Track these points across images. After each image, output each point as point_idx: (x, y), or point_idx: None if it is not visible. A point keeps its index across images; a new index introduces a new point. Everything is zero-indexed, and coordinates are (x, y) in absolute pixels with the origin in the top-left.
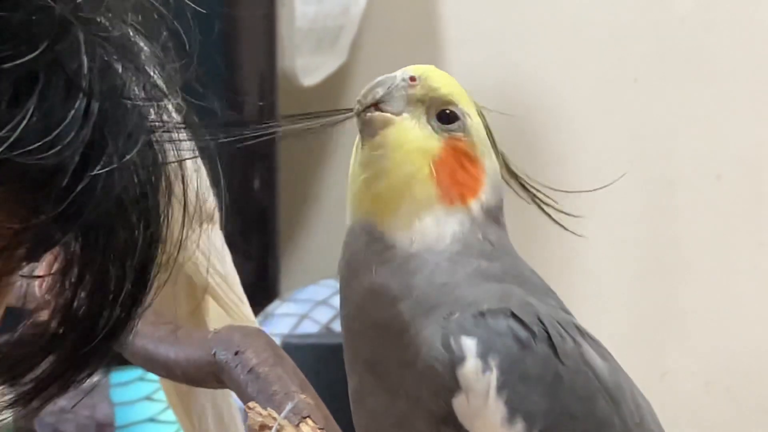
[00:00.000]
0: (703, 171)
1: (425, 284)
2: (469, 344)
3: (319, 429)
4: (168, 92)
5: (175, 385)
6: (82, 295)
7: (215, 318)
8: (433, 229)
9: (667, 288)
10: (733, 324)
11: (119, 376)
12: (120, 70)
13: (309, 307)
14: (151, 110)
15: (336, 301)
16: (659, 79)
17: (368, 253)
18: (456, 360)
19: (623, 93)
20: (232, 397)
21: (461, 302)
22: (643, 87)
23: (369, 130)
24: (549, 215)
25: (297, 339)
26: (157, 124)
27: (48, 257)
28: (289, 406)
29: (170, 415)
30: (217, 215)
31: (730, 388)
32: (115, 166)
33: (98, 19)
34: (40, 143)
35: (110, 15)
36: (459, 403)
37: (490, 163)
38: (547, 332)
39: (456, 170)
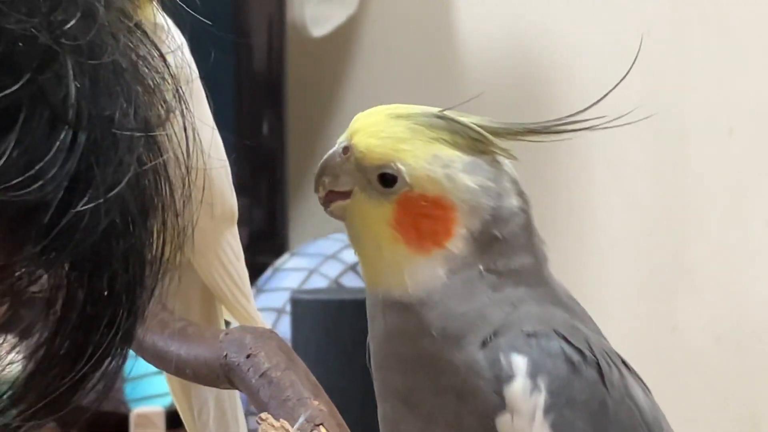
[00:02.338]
0: (716, 125)
1: (441, 320)
2: (520, 362)
3: None
4: (161, 119)
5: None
6: (66, 329)
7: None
8: (422, 277)
9: (677, 242)
10: (744, 279)
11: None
12: (110, 99)
13: (318, 262)
14: (142, 140)
15: (345, 255)
16: (672, 33)
17: (376, 308)
18: (504, 377)
19: (635, 46)
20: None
21: (499, 324)
22: (656, 40)
23: (337, 217)
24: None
25: (306, 294)
26: (147, 154)
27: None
28: (302, 418)
29: None
30: (236, 214)
31: (741, 343)
32: (101, 200)
33: (88, 45)
34: (21, 178)
35: (101, 39)
36: (503, 423)
37: (459, 190)
38: (596, 358)
39: (418, 223)
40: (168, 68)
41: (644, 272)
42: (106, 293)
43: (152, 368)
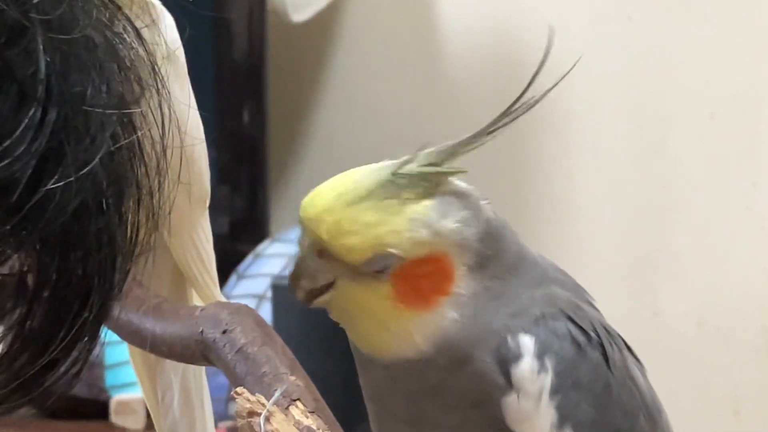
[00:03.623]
0: (697, 110)
1: (453, 350)
2: (527, 343)
3: (309, 412)
4: (135, 96)
5: (143, 355)
6: (38, 311)
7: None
8: (434, 329)
9: (659, 227)
10: (725, 264)
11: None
12: (82, 75)
13: None
14: (115, 117)
15: None
16: (653, 18)
17: (375, 366)
18: (511, 358)
19: (617, 31)
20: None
21: (504, 326)
22: (637, 25)
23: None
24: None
25: (286, 280)
26: (121, 132)
27: None
28: (278, 392)
29: None
30: (209, 196)
31: (722, 329)
32: (72, 179)
33: (59, 20)
34: None
35: (73, 14)
36: (509, 404)
37: (446, 237)
38: (600, 340)
39: (418, 286)
40: (144, 44)
41: (626, 258)
42: (78, 274)
43: None
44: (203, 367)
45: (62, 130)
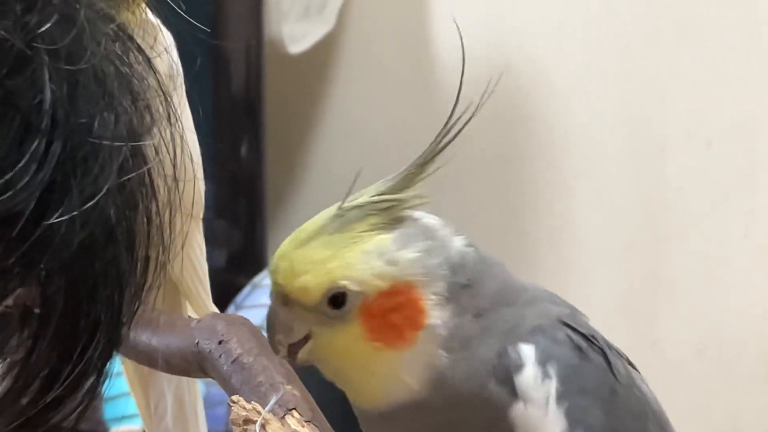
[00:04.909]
0: (694, 138)
1: (447, 388)
2: (528, 351)
3: (306, 422)
4: (145, 127)
5: (135, 365)
6: (43, 346)
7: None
8: (421, 366)
9: (657, 255)
10: (724, 292)
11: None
12: (90, 106)
13: None
14: (123, 149)
15: None
16: (649, 46)
17: (379, 418)
18: (513, 368)
19: (613, 60)
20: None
21: (503, 341)
22: (634, 54)
23: (306, 364)
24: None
25: None
26: (129, 161)
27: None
28: (273, 400)
29: None
30: (203, 209)
31: (721, 356)
32: (76, 213)
33: (66, 49)
34: None
35: (82, 43)
36: (516, 414)
37: (407, 268)
38: (601, 346)
39: (390, 321)
40: (156, 75)
41: (624, 286)
42: (85, 309)
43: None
44: (197, 379)
45: (68, 162)
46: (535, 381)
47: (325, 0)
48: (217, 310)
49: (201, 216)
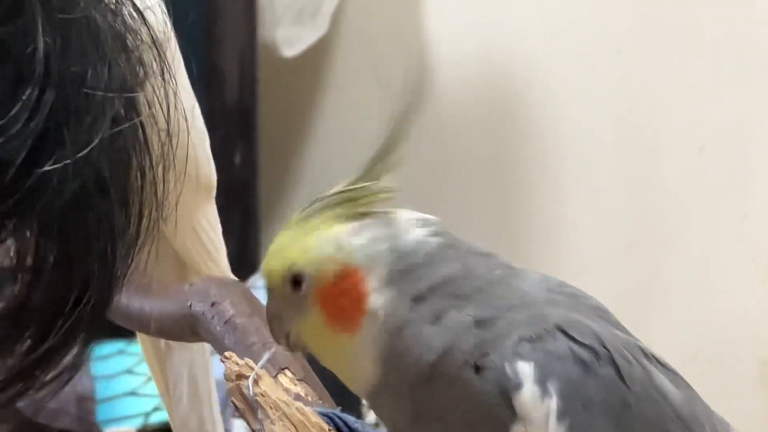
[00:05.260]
0: (687, 142)
1: (395, 371)
2: (526, 369)
3: (298, 380)
4: (138, 80)
5: (154, 348)
6: (36, 295)
7: None
8: (373, 350)
9: (651, 259)
10: (717, 296)
11: (100, 349)
12: (83, 57)
13: None
14: (117, 101)
15: None
16: (642, 50)
17: (373, 399)
18: (512, 387)
19: (606, 64)
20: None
21: (475, 343)
22: (626, 58)
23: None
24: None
25: None
26: (122, 113)
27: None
28: (266, 356)
29: (151, 388)
30: (214, 187)
31: (715, 359)
32: (69, 161)
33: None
34: None
35: None
36: None
37: (353, 253)
38: (611, 354)
39: (340, 306)
40: (150, 30)
41: (618, 289)
42: (77, 260)
43: (123, 389)
44: (209, 360)
45: (61, 111)
46: (534, 400)
47: (319, 4)
48: None
49: (211, 193)
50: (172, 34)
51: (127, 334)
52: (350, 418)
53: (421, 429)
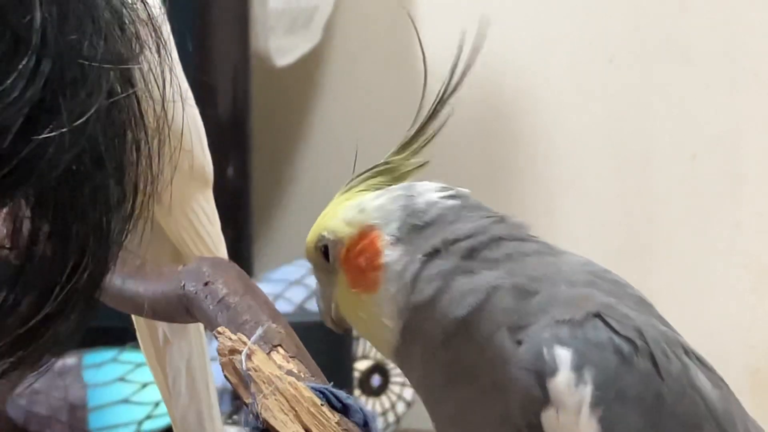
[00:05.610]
0: (679, 151)
1: (440, 326)
2: (564, 355)
3: (290, 357)
4: (133, 53)
5: (153, 341)
6: (33, 264)
7: None
8: (394, 308)
9: (642, 267)
10: (708, 304)
11: (92, 357)
12: (79, 28)
13: (283, 287)
14: (113, 73)
15: (309, 281)
16: (634, 60)
17: (404, 361)
18: (548, 371)
19: (599, 73)
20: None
21: (513, 309)
22: (618, 67)
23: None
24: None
25: None
26: (118, 86)
27: None
28: (259, 331)
29: (143, 396)
30: (211, 178)
31: None
32: (65, 130)
33: None
34: None
35: None
36: (548, 418)
37: (370, 213)
38: (649, 348)
39: (360, 267)
40: (146, 6)
41: None
42: (73, 230)
43: (116, 397)
44: (206, 352)
45: (57, 81)
46: (569, 387)
47: (311, 14)
48: None
49: (208, 183)
50: (165, 19)
51: (119, 341)
52: (342, 394)
53: (452, 392)
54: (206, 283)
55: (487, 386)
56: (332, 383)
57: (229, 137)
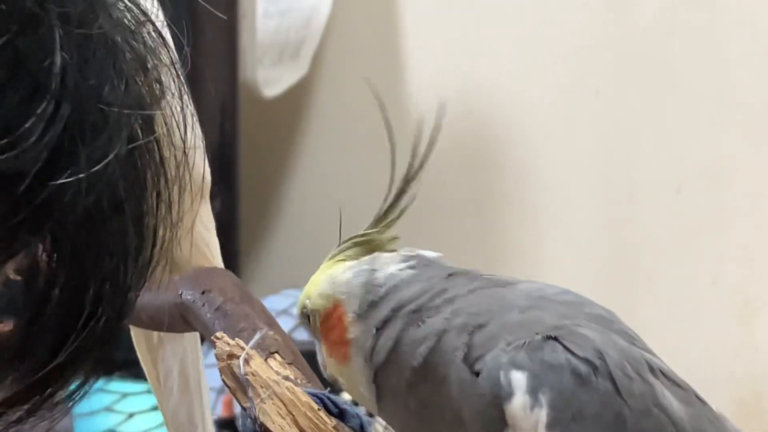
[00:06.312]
0: (664, 183)
1: (385, 392)
2: (519, 379)
3: (287, 363)
4: (155, 98)
5: (146, 338)
6: (47, 312)
7: None
8: (362, 376)
9: (627, 299)
10: (693, 335)
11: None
12: (100, 73)
13: None
14: (133, 118)
15: (296, 310)
16: (620, 92)
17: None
18: (504, 395)
19: (585, 106)
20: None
21: (480, 341)
22: (605, 99)
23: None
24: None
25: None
26: (139, 132)
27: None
28: (257, 336)
29: (130, 426)
30: (209, 185)
31: None
32: (83, 175)
33: (78, 14)
34: None
35: (94, 10)
36: None
37: (340, 288)
38: (609, 367)
39: (333, 337)
40: (168, 50)
41: None
42: (89, 280)
43: (103, 427)
44: (200, 355)
45: (76, 126)
46: (524, 410)
47: (300, 45)
48: None
49: (206, 191)
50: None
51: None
52: (339, 399)
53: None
54: (203, 292)
55: (454, 422)
56: (329, 389)
57: (217, 167)
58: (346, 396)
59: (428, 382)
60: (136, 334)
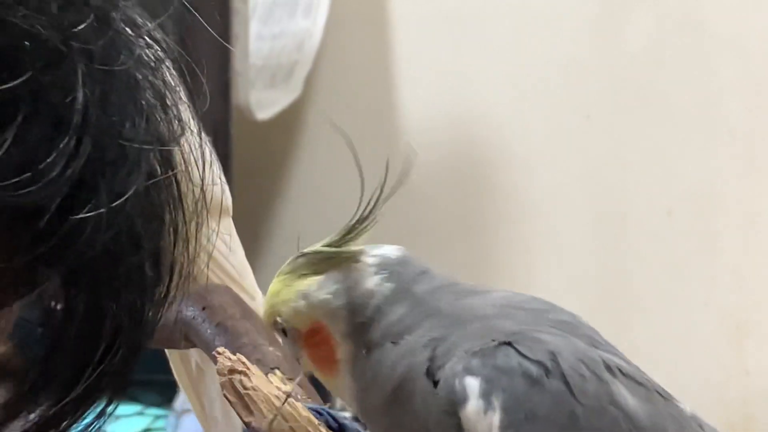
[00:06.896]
0: (655, 207)
1: (368, 410)
2: (473, 384)
3: (288, 379)
4: (173, 135)
5: (186, 369)
6: (63, 347)
7: None
8: (350, 393)
9: (619, 322)
10: (684, 359)
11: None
12: (121, 109)
13: None
14: (152, 154)
15: None
16: (611, 116)
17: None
18: (459, 401)
19: (575, 129)
20: None
21: (442, 353)
22: (596, 124)
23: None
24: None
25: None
26: (157, 168)
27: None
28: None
29: None
30: (230, 207)
31: None
32: (103, 210)
33: (101, 51)
34: (17, 179)
35: (116, 47)
36: None
37: (318, 308)
38: (561, 368)
39: (318, 354)
40: (187, 85)
41: None
42: (106, 314)
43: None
44: None
45: (97, 161)
46: (478, 414)
47: (292, 68)
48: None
49: (228, 212)
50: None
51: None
52: (339, 414)
53: None
54: (204, 308)
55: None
56: (329, 405)
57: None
58: (346, 413)
59: (400, 400)
60: (176, 364)
